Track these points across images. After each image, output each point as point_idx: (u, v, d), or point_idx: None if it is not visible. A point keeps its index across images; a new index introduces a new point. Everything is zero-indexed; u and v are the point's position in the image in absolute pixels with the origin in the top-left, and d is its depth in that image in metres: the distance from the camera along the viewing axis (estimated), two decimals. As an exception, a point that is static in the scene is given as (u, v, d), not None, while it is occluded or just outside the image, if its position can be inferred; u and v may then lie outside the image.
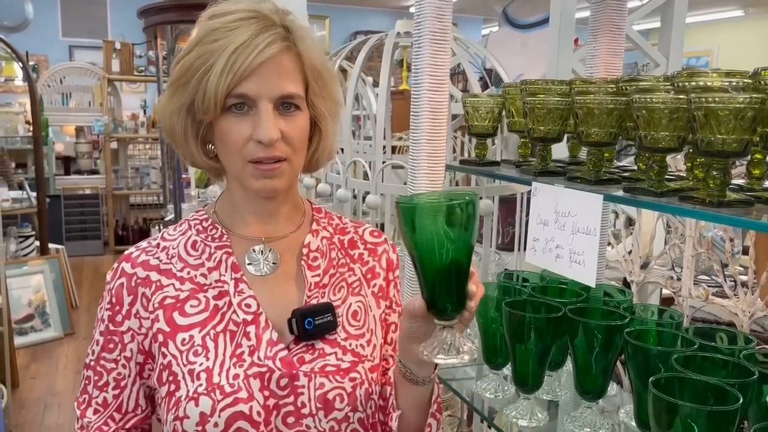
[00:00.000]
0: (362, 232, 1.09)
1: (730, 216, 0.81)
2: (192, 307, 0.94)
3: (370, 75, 3.10)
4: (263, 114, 0.89)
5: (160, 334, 0.93)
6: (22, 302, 4.57)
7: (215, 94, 0.87)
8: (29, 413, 3.65)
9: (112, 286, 0.97)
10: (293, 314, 0.94)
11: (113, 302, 0.96)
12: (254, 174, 0.91)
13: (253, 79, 0.88)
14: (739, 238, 2.27)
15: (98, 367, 0.97)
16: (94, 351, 0.98)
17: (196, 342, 0.92)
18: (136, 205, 7.75)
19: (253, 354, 0.92)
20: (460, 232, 0.80)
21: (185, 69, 0.90)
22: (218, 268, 0.97)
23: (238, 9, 0.91)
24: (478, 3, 5.16)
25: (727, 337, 1.03)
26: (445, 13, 1.30)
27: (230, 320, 0.94)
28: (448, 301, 0.83)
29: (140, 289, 0.95)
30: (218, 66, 0.87)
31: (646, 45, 2.13)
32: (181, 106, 0.92)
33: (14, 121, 6.84)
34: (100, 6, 8.83)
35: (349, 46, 2.17)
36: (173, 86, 0.93)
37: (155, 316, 0.94)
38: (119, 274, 0.97)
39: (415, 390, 0.94)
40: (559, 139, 1.19)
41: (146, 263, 0.97)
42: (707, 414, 0.79)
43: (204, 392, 0.88)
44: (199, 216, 1.03)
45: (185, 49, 0.92)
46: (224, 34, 0.88)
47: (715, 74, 0.92)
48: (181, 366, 0.91)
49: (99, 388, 0.97)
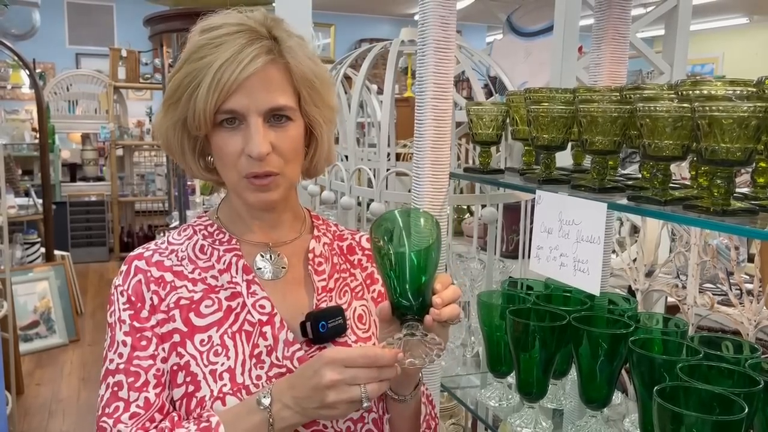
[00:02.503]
0: (359, 239, 1.12)
1: (734, 225, 0.80)
2: (207, 308, 0.95)
3: (375, 82, 3.11)
4: (253, 128, 0.90)
5: (177, 334, 0.93)
6: (28, 309, 4.58)
7: (204, 111, 0.89)
8: (34, 420, 3.66)
9: (127, 287, 0.95)
10: (308, 317, 0.96)
11: (133, 300, 0.94)
12: (249, 188, 0.93)
13: (240, 93, 0.89)
14: (745, 247, 2.26)
15: (132, 368, 0.92)
16: (123, 353, 0.93)
17: (215, 342, 0.93)
18: (142, 212, 7.78)
19: (271, 354, 0.94)
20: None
21: (175, 87, 0.92)
22: (229, 270, 0.98)
23: (225, 23, 0.92)
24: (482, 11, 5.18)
25: (732, 345, 1.03)
26: (449, 21, 1.30)
27: (245, 320, 0.95)
28: (408, 302, 0.85)
29: (153, 287, 0.95)
30: (205, 83, 0.88)
31: (651, 53, 2.13)
32: (176, 123, 0.94)
33: (21, 128, 6.88)
34: (107, 14, 8.89)
35: (354, 54, 2.17)
36: (166, 104, 0.94)
37: (171, 315, 0.94)
38: (134, 272, 0.96)
39: (399, 407, 0.96)
40: (563, 147, 1.19)
41: (161, 263, 0.97)
42: (712, 423, 0.78)
43: (230, 392, 0.90)
44: (202, 222, 1.04)
45: (176, 66, 0.93)
46: (210, 50, 0.89)
47: (719, 83, 0.92)
48: (201, 366, 0.92)
49: (137, 390, 0.92)
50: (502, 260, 1.84)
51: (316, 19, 2.04)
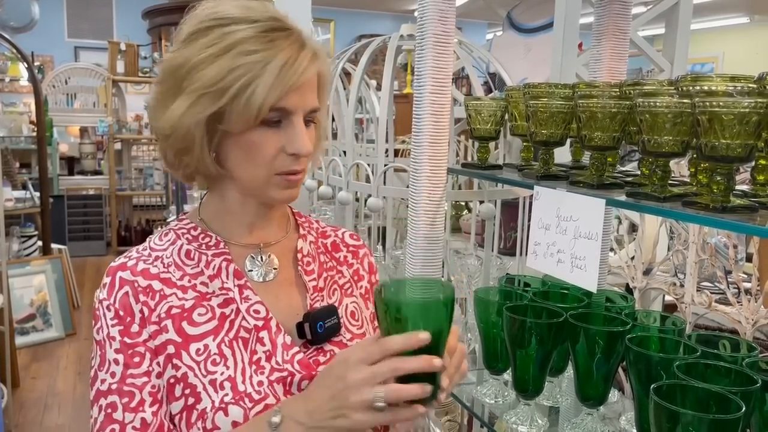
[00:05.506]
0: (342, 236, 1.12)
1: (733, 221, 0.80)
2: (200, 316, 0.92)
3: (375, 78, 3.10)
4: (298, 127, 0.90)
5: (171, 345, 0.89)
6: (24, 302, 4.57)
7: (261, 108, 0.86)
8: (29, 413, 3.65)
9: (114, 300, 0.90)
10: (306, 318, 0.95)
11: (121, 315, 0.89)
12: (280, 185, 0.92)
13: (294, 93, 0.89)
14: (743, 245, 2.25)
15: (125, 387, 0.88)
16: (116, 372, 0.88)
17: (212, 351, 0.90)
18: (139, 206, 7.77)
19: (270, 359, 0.92)
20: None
21: (216, 78, 0.86)
22: (219, 276, 0.95)
23: (258, 17, 0.89)
24: (482, 8, 5.17)
25: (730, 344, 1.02)
26: (448, 15, 1.29)
27: (240, 327, 0.93)
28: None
29: (142, 297, 0.90)
30: (264, 80, 0.85)
31: (651, 50, 2.13)
32: (208, 115, 0.88)
33: (18, 121, 6.87)
34: (106, 7, 8.87)
35: (352, 49, 2.16)
36: (196, 93, 0.87)
37: (163, 326, 0.90)
38: (119, 284, 0.91)
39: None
40: (562, 143, 1.18)
41: (146, 272, 0.92)
42: (709, 422, 0.78)
43: (232, 401, 0.87)
44: (184, 225, 0.99)
45: (205, 55, 0.87)
46: (263, 46, 0.86)
47: (719, 78, 0.91)
48: (200, 377, 0.88)
49: (133, 410, 0.87)
50: (499, 257, 1.83)
51: (316, 14, 2.03)
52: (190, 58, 0.88)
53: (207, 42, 0.87)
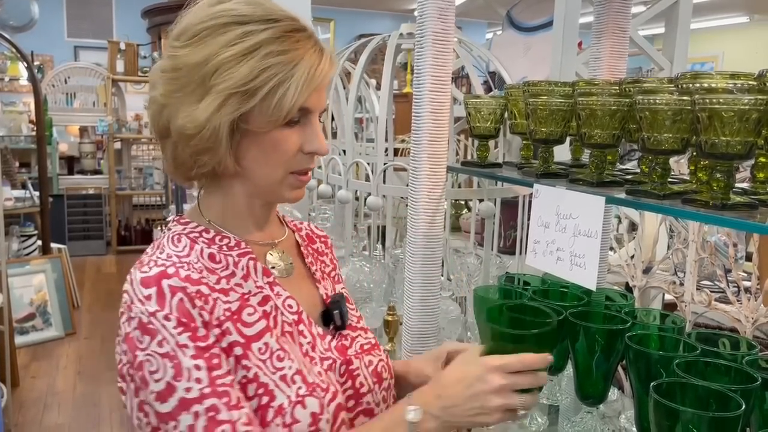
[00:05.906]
0: (310, 227, 1.16)
1: (733, 219, 0.79)
2: (249, 316, 0.91)
3: (374, 77, 3.10)
4: (316, 127, 0.93)
5: (237, 347, 0.87)
6: (24, 301, 4.57)
7: (290, 108, 0.87)
8: (29, 412, 3.65)
9: (170, 310, 0.83)
10: (333, 307, 1.02)
11: (185, 322, 0.84)
12: (293, 184, 0.95)
13: (315, 93, 0.91)
14: (743, 244, 2.25)
15: (218, 388, 0.83)
16: (201, 378, 0.82)
17: (274, 348, 0.90)
18: (139, 206, 7.76)
19: (315, 349, 0.96)
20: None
21: (249, 78, 0.84)
22: (250, 275, 0.95)
23: (277, 17, 0.89)
24: (482, 6, 5.16)
25: (729, 342, 1.02)
26: (448, 14, 1.29)
27: (283, 322, 0.95)
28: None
29: (198, 302, 0.86)
30: (296, 80, 0.86)
31: (651, 49, 2.13)
32: (239, 115, 0.86)
33: (18, 120, 6.86)
34: (106, 7, 8.86)
35: (352, 48, 2.16)
36: (225, 93, 0.85)
37: (225, 329, 0.87)
38: (169, 293, 0.84)
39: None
40: (562, 141, 1.18)
41: (189, 278, 0.87)
42: (709, 420, 0.78)
43: (307, 393, 0.89)
44: (193, 228, 0.96)
45: (230, 54, 0.85)
46: (291, 46, 0.87)
47: (719, 75, 0.91)
48: (269, 375, 0.88)
49: (236, 407, 0.83)
50: (499, 255, 1.83)
51: (316, 14, 2.03)
52: (211, 56, 0.85)
53: (227, 40, 0.86)
